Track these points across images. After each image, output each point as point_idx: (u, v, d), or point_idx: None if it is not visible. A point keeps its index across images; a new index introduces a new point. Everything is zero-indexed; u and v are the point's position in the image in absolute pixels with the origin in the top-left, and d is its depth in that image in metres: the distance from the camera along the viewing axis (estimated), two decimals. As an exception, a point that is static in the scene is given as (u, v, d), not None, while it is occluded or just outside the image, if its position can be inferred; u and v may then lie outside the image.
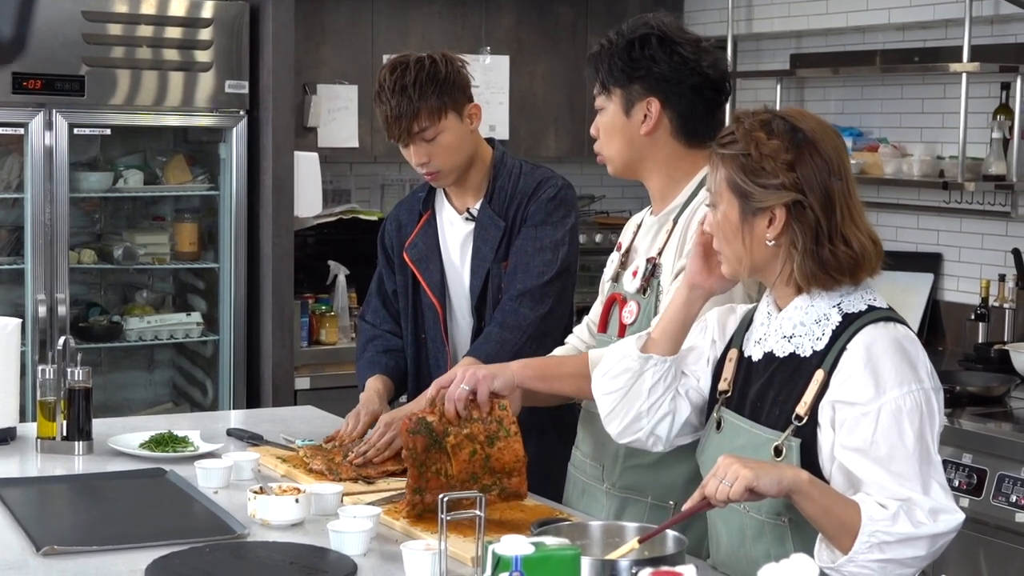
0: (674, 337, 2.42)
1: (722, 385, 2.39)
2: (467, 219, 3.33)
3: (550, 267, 3.21)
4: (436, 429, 2.64)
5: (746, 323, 2.41)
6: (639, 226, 2.88)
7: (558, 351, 3.05)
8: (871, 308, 2.26)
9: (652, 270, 2.73)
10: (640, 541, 2.14)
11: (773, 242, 2.25)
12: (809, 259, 2.23)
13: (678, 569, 1.40)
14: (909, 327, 2.27)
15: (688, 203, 2.73)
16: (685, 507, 2.19)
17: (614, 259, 2.91)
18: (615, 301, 2.83)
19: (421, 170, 3.26)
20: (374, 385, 3.33)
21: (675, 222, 2.74)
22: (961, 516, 2.19)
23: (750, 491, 2.13)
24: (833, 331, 2.24)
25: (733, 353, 2.39)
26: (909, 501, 2.15)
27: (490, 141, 3.36)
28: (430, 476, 2.61)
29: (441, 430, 2.64)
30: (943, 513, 2.17)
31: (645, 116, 2.72)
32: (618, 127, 2.75)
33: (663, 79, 2.70)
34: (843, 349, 2.21)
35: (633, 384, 2.41)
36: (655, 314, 2.69)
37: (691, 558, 2.27)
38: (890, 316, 2.25)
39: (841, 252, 2.22)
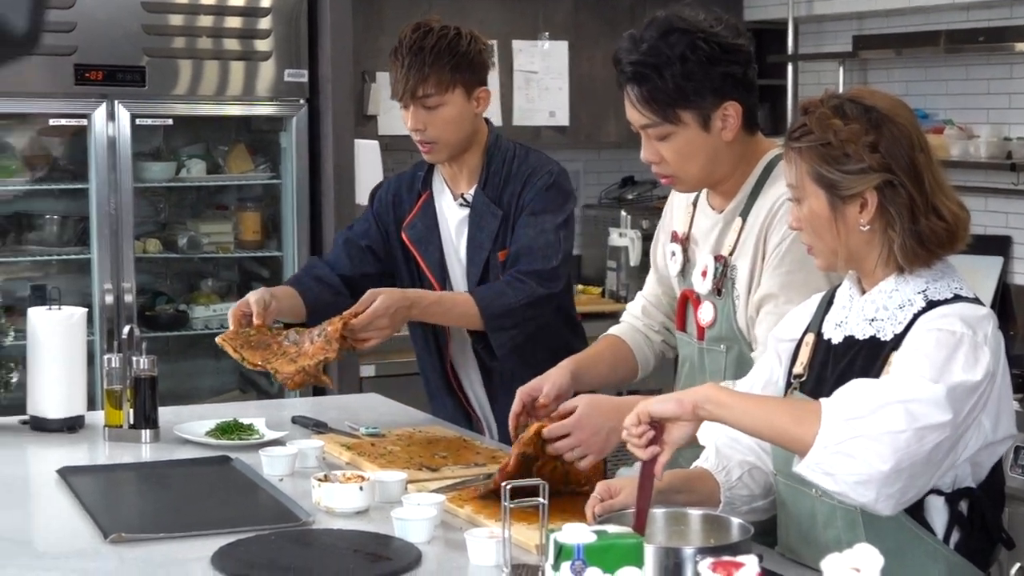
0: None
1: (797, 369, 2.34)
2: (461, 205, 3.30)
3: (554, 250, 3.19)
4: (532, 455, 2.62)
5: (824, 306, 2.37)
6: (694, 208, 2.81)
7: (614, 330, 3.04)
8: (957, 296, 2.20)
9: (724, 271, 2.67)
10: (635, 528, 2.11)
11: (868, 227, 2.21)
12: (909, 237, 2.18)
13: (739, 559, 1.39)
14: (994, 316, 2.21)
15: (753, 198, 2.66)
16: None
17: (676, 251, 2.83)
18: (688, 299, 2.79)
19: (416, 136, 3.22)
20: (280, 288, 3.34)
21: (743, 219, 2.67)
22: (943, 396, 2.04)
23: (654, 423, 2.13)
24: (914, 315, 2.19)
25: (810, 337, 2.35)
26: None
27: (487, 123, 3.32)
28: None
29: (534, 456, 2.62)
30: (925, 389, 2.04)
31: (723, 123, 2.59)
32: (699, 145, 2.60)
33: (728, 77, 2.57)
34: None
35: None
36: (735, 316, 2.66)
37: (758, 546, 2.25)
38: (975, 304, 2.20)
39: (936, 224, 2.18)
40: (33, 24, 1.10)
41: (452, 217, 3.32)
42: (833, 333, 2.31)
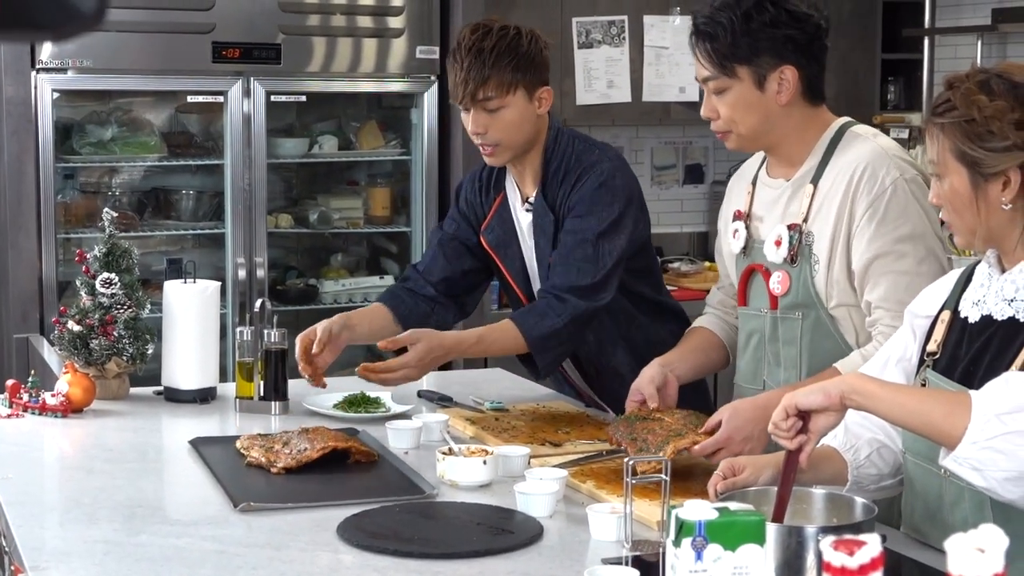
0: None
1: (931, 347, 2.30)
2: (527, 209, 3.22)
3: (592, 264, 3.07)
4: (637, 413, 2.75)
5: (962, 283, 2.33)
6: (753, 187, 2.83)
7: (699, 322, 3.05)
8: None
9: (799, 238, 2.68)
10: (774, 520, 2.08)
11: (1009, 206, 2.16)
12: None
13: (862, 537, 1.37)
14: None
15: (824, 165, 2.68)
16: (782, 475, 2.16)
17: (739, 228, 2.83)
18: (754, 272, 2.79)
19: (477, 140, 3.15)
20: (364, 310, 3.32)
21: (815, 185, 2.68)
22: None
23: (801, 414, 2.10)
24: None
25: (946, 315, 2.30)
26: None
27: (549, 117, 3.19)
28: (645, 435, 2.64)
29: (645, 413, 2.74)
30: None
31: (779, 85, 2.65)
32: (752, 102, 2.67)
33: (789, 42, 2.64)
34: None
35: None
36: (812, 282, 2.67)
37: (882, 527, 2.22)
38: None
39: None
40: (100, 1, 1.12)
41: (523, 221, 3.24)
42: (970, 311, 2.26)
